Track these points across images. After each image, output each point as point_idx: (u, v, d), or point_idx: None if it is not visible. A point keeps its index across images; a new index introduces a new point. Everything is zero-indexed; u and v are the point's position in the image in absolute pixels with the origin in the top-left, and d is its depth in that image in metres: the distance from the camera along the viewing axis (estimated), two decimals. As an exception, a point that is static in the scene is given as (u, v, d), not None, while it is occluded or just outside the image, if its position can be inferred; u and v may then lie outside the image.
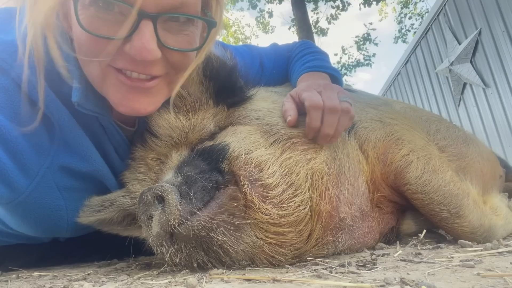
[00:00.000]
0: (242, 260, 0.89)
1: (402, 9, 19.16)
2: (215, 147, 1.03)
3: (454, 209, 1.15)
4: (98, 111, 1.11)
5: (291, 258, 0.95)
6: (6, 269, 1.30)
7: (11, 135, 0.99)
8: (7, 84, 1.01)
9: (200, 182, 0.89)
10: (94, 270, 1.14)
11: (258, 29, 18.82)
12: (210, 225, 0.84)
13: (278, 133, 1.07)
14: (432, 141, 1.43)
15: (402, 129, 1.30)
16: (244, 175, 0.94)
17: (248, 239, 0.89)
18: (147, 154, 1.16)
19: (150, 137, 1.16)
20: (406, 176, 1.18)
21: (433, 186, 1.16)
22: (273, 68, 1.68)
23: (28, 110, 1.03)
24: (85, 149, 1.13)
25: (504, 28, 4.73)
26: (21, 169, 1.02)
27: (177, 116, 1.14)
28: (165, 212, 0.84)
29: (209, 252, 0.87)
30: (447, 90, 6.36)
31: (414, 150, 1.22)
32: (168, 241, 0.86)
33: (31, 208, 1.09)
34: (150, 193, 0.88)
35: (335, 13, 15.89)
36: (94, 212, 1.16)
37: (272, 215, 0.91)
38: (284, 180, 0.95)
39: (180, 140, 1.14)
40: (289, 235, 0.92)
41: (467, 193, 1.21)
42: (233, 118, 1.18)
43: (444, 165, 1.24)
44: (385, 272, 0.78)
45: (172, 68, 1.05)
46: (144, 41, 0.92)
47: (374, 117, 1.34)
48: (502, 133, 5.12)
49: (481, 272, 0.71)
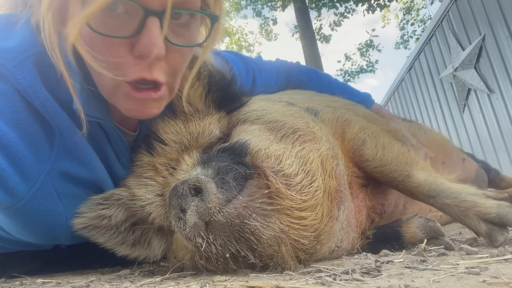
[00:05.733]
0: (271, 246, 0.92)
1: (405, 16, 19.22)
2: (235, 144, 1.11)
3: (406, 172, 1.40)
4: (100, 116, 1.12)
5: (312, 240, 0.99)
6: (10, 276, 1.30)
7: (10, 140, 0.99)
8: (7, 90, 1.01)
9: (231, 173, 0.95)
10: (97, 277, 1.14)
11: (261, 37, 18.94)
12: (245, 212, 0.89)
13: (284, 128, 1.20)
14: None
15: (347, 112, 1.60)
16: (267, 167, 1.00)
17: (276, 226, 0.93)
18: (156, 160, 1.20)
19: (158, 144, 1.22)
20: (364, 154, 1.41)
21: (387, 159, 1.41)
22: (263, 86, 1.88)
23: (27, 115, 1.03)
24: (85, 155, 1.13)
25: (508, 34, 4.72)
26: (20, 174, 1.02)
27: (187, 122, 1.24)
28: (204, 201, 0.87)
29: (240, 240, 0.90)
30: (451, 96, 6.34)
31: (363, 128, 1.48)
32: (205, 231, 0.89)
33: (30, 214, 1.09)
34: (186, 185, 0.90)
35: (338, 19, 15.97)
36: (94, 206, 1.17)
37: (296, 200, 0.97)
38: (301, 169, 1.04)
39: (191, 144, 1.21)
40: (310, 218, 0.99)
41: (412, 158, 1.47)
42: (234, 121, 1.29)
43: (390, 139, 1.51)
44: (390, 280, 0.77)
45: (171, 72, 1.08)
46: (151, 36, 0.95)
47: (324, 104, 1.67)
48: (507, 138, 5.09)
49: (487, 279, 0.70)
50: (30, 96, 1.02)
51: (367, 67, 19.36)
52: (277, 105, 1.44)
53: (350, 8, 15.51)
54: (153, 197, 1.16)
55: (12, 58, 1.02)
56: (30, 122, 1.04)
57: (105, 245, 1.18)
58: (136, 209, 1.17)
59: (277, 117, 1.26)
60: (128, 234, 1.20)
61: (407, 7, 18.83)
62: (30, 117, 1.04)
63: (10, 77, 1.01)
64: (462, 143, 6.12)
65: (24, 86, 1.01)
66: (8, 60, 1.01)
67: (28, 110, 1.04)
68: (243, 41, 19.82)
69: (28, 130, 1.03)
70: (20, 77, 1.01)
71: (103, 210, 1.17)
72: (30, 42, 1.05)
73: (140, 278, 1.04)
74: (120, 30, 0.96)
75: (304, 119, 1.32)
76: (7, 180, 0.99)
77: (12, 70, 1.01)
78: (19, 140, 1.01)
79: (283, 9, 14.98)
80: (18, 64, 1.02)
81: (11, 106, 1.01)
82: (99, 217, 1.16)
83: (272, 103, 1.48)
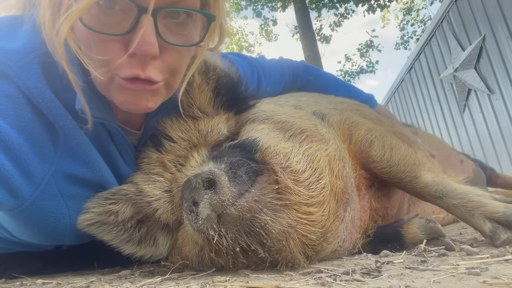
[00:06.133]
0: (280, 240, 0.93)
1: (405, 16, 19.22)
2: (245, 141, 1.13)
3: (413, 173, 1.40)
4: (103, 117, 1.12)
5: (320, 237, 1.00)
6: (10, 277, 1.30)
7: (14, 142, 0.99)
8: (12, 92, 1.01)
9: (243, 167, 0.97)
10: (97, 278, 1.14)
11: (261, 37, 18.95)
12: (257, 205, 0.91)
13: (292, 128, 1.23)
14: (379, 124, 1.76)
15: (354, 115, 1.62)
16: (276, 163, 1.02)
17: (284, 220, 0.94)
18: (165, 156, 1.23)
19: (166, 142, 1.25)
20: (372, 155, 1.41)
21: (395, 160, 1.42)
22: (268, 86, 1.90)
23: (32, 117, 1.03)
24: (89, 156, 1.13)
25: (508, 34, 4.72)
26: (25, 176, 1.02)
27: (195, 120, 1.28)
28: (218, 193, 0.88)
29: (250, 234, 0.91)
30: (451, 96, 6.34)
31: (370, 130, 1.49)
32: (217, 223, 0.90)
33: (35, 216, 1.09)
34: (199, 179, 0.92)
35: (338, 20, 15.97)
36: (101, 200, 1.17)
37: (304, 196, 0.99)
38: (309, 166, 1.06)
39: (199, 142, 1.24)
40: (317, 214, 1.00)
41: (419, 159, 1.48)
42: (242, 120, 1.33)
43: (397, 140, 1.52)
44: (390, 280, 0.77)
45: (168, 72, 1.08)
46: (144, 34, 0.94)
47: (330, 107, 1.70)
48: (507, 138, 5.09)
49: (487, 280, 0.70)
50: (35, 97, 1.02)
51: (367, 68, 19.37)
52: (285, 108, 1.47)
53: (350, 8, 15.54)
54: (161, 193, 1.17)
55: (18, 60, 1.02)
56: (34, 124, 1.04)
57: (111, 242, 1.18)
58: (142, 205, 1.18)
59: (286, 118, 1.29)
60: (134, 231, 1.20)
61: (407, 8, 18.84)
62: (35, 119, 1.04)
63: (15, 79, 1.01)
64: (463, 144, 6.12)
65: (29, 87, 1.01)
66: (13, 62, 1.02)
67: (33, 112, 1.04)
68: (244, 41, 19.84)
69: (33, 132, 1.04)
70: (25, 78, 1.01)
71: (111, 205, 1.17)
72: (35, 43, 1.05)
73: (140, 278, 1.04)
74: (114, 28, 0.96)
75: (312, 121, 1.34)
76: (12, 182, 0.99)
77: (17, 72, 1.01)
78: (23, 142, 1.01)
79: (283, 10, 14.99)
80: (23, 66, 1.02)
81: (16, 108, 1.02)
82: (106, 212, 1.16)
83: (280, 106, 1.51)
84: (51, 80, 1.05)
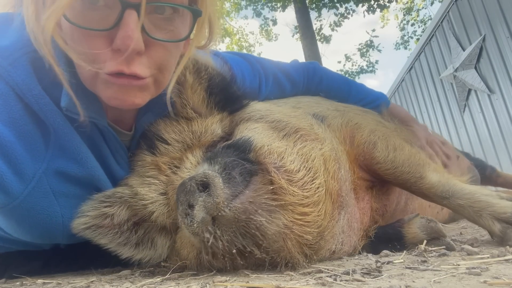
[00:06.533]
0: (276, 241, 0.92)
1: (405, 16, 19.21)
2: (239, 141, 1.12)
3: (418, 173, 1.39)
4: (93, 115, 1.11)
5: (316, 236, 1.00)
6: (10, 277, 1.30)
7: (5, 139, 0.99)
8: (2, 89, 1.01)
9: (237, 168, 0.96)
10: (97, 278, 1.14)
11: (261, 37, 18.94)
12: (251, 207, 0.90)
13: (286, 127, 1.22)
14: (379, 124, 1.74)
15: (356, 116, 1.60)
16: (270, 163, 1.01)
17: (280, 221, 0.93)
18: (159, 159, 1.22)
19: (160, 144, 1.24)
20: (375, 156, 1.40)
21: (399, 161, 1.40)
22: (268, 91, 1.84)
23: (23, 114, 1.03)
24: (80, 153, 1.12)
25: (508, 34, 4.72)
26: (16, 173, 1.02)
27: (189, 122, 1.27)
28: (212, 196, 0.87)
29: (246, 236, 0.90)
30: (452, 96, 6.33)
31: (373, 131, 1.47)
32: (212, 226, 0.89)
33: (26, 213, 1.08)
34: (193, 181, 0.91)
35: (338, 20, 15.97)
36: (96, 203, 1.16)
37: (298, 196, 0.98)
38: (303, 166, 1.05)
39: (193, 143, 1.23)
40: (313, 214, 0.99)
41: (424, 159, 1.47)
42: (236, 120, 1.31)
43: (401, 141, 1.51)
44: (390, 280, 0.77)
45: (156, 67, 1.06)
46: (128, 29, 0.93)
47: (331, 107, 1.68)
48: (507, 138, 5.08)
49: (487, 280, 0.70)
50: (25, 93, 1.02)
51: (367, 68, 19.35)
52: (281, 107, 1.46)
53: (350, 8, 15.54)
54: (156, 196, 1.16)
55: (7, 56, 1.02)
56: (25, 121, 1.03)
57: (108, 246, 1.17)
58: (138, 208, 1.17)
59: (280, 117, 1.28)
60: (131, 234, 1.19)
61: (407, 8, 18.83)
62: (26, 116, 1.04)
63: (5, 75, 1.01)
64: (463, 143, 6.12)
65: (18, 83, 1.01)
66: (3, 59, 1.02)
67: (24, 109, 1.03)
68: (244, 41, 19.81)
69: (24, 129, 1.03)
70: (15, 74, 1.01)
71: (106, 208, 1.16)
72: (25, 40, 1.04)
73: (141, 278, 1.04)
74: (99, 23, 0.95)
75: (308, 121, 1.33)
76: (2, 178, 0.99)
77: (7, 68, 1.01)
78: (14, 139, 1.01)
79: (283, 10, 14.99)
80: (13, 62, 1.02)
81: (7, 105, 1.01)
82: (101, 215, 1.15)
83: (276, 105, 1.49)
84: (41, 77, 1.04)
